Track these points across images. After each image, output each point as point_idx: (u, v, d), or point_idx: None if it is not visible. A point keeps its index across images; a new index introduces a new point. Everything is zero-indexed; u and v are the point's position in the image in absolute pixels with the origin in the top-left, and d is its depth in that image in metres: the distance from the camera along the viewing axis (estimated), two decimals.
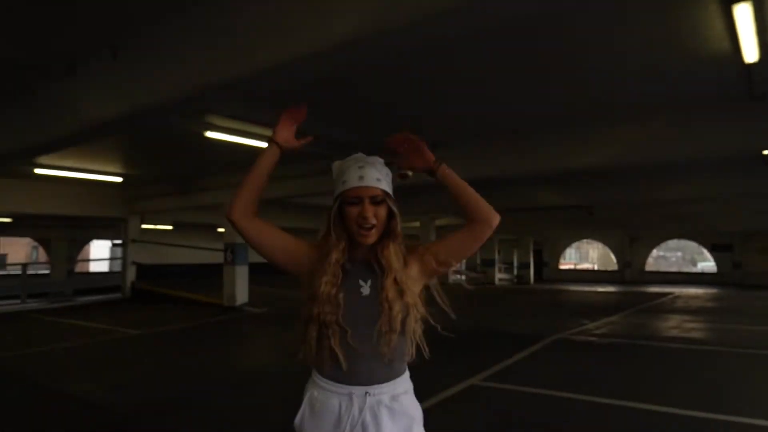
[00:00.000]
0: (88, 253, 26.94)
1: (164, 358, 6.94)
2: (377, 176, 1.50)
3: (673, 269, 38.56)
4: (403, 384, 1.56)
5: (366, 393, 1.48)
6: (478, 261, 23.60)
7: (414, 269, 1.57)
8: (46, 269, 22.82)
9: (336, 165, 1.59)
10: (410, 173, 1.61)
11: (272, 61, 3.53)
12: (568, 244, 32.49)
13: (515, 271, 27.45)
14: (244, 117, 6.41)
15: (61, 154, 8.14)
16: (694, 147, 7.09)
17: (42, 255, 28.79)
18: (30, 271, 15.92)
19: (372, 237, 1.49)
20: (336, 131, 7.60)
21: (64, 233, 21.23)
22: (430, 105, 6.65)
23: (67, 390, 5.12)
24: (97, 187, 12.51)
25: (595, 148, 7.72)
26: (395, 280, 1.50)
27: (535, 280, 26.59)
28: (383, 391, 1.50)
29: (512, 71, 5.39)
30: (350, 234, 1.52)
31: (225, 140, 7.59)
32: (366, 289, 1.52)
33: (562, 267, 32.33)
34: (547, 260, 30.40)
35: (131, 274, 14.57)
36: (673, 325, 9.79)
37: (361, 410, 1.47)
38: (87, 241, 24.27)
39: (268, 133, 7.39)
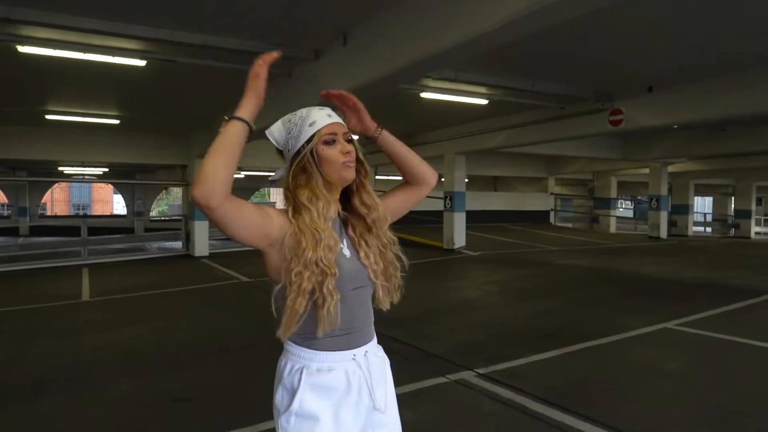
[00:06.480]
0: None
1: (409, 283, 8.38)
2: (339, 114, 1.41)
3: None
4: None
5: (365, 352, 1.37)
6: (731, 212, 20.60)
7: None
8: None
9: (284, 120, 1.37)
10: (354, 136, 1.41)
11: (469, 33, 3.95)
12: None
13: None
14: (452, 78, 7.08)
15: None
16: None
17: None
18: None
19: (353, 171, 1.36)
20: (541, 83, 7.81)
21: None
22: (645, 45, 6.36)
23: None
24: None
25: None
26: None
27: None
28: (373, 343, 1.43)
29: None
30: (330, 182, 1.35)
31: (437, 99, 8.51)
32: (346, 250, 1.38)
33: None
34: None
35: None
36: None
37: (366, 370, 1.36)
38: None
39: (478, 90, 8.01)
